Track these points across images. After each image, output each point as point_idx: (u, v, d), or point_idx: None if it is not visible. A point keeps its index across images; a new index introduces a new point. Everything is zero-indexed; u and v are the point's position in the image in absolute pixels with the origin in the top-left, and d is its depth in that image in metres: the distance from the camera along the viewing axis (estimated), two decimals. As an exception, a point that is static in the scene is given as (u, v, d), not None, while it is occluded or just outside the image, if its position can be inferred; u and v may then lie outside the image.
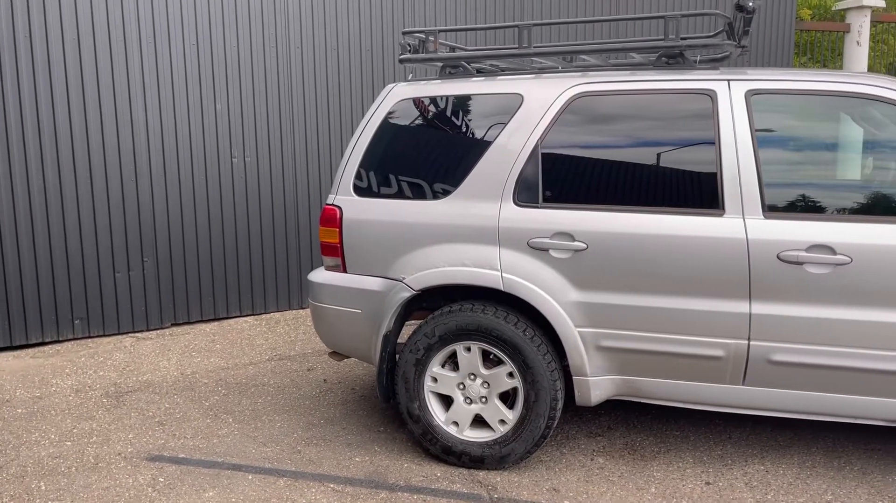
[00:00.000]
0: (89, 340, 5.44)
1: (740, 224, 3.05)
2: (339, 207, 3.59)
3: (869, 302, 2.93)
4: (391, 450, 3.65)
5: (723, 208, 3.08)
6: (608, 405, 4.03)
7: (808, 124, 3.30)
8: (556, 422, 3.36)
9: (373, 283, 3.52)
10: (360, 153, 3.59)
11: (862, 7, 8.65)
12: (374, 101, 3.67)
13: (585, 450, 3.61)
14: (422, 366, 3.44)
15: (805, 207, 3.09)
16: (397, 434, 3.81)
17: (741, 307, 3.06)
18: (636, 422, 3.88)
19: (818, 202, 3.10)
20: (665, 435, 3.75)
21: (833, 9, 9.34)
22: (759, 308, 3.05)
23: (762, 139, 3.11)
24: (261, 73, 5.81)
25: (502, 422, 3.39)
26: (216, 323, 5.81)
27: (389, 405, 3.75)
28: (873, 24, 8.99)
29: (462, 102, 3.52)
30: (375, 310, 3.50)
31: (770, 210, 3.05)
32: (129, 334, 5.56)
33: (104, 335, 5.51)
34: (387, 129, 3.58)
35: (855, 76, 3.29)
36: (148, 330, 5.62)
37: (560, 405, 3.35)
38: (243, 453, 3.65)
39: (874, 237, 2.93)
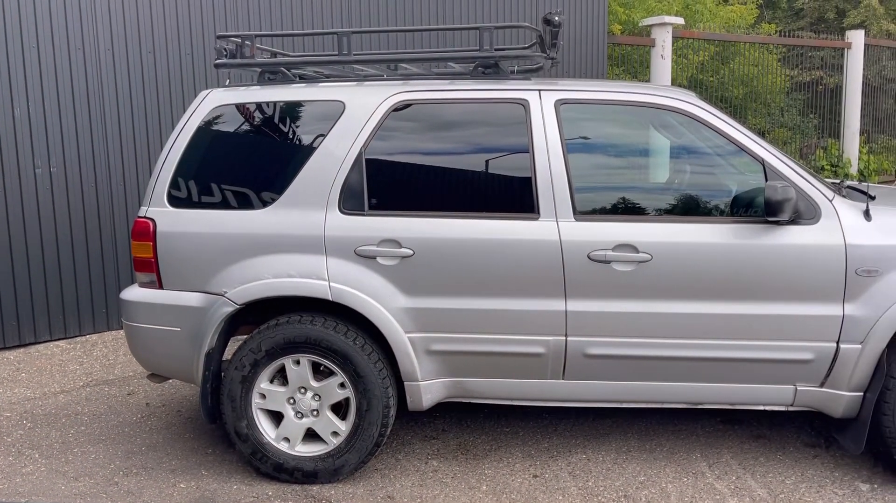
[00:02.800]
0: None
1: (553, 227, 3.21)
2: (153, 220, 3.38)
3: (668, 295, 3.19)
4: (220, 472, 3.49)
5: (538, 212, 3.23)
6: (443, 407, 4.09)
7: (612, 132, 3.55)
8: (389, 429, 3.36)
9: (192, 299, 3.34)
10: (173, 163, 3.40)
11: (664, 24, 9.45)
12: (188, 108, 3.49)
13: (420, 454, 3.65)
14: (249, 382, 3.31)
15: (611, 209, 3.31)
16: (226, 455, 3.64)
17: (558, 305, 3.22)
18: (469, 422, 3.98)
19: (623, 204, 3.34)
20: (496, 432, 3.86)
21: (640, 24, 10.12)
22: (574, 305, 3.22)
23: (571, 146, 3.30)
24: (66, 75, 5.35)
25: (335, 433, 3.34)
26: (22, 349, 5.26)
27: (216, 426, 3.58)
28: (675, 39, 9.85)
29: (282, 109, 3.44)
30: (196, 328, 3.33)
31: (580, 213, 3.23)
32: (-86, 368, 4.92)
33: None
34: (203, 137, 3.42)
35: (654, 88, 3.58)
36: (-62, 362, 5.00)
37: (393, 412, 3.36)
38: (51, 491, 3.33)
39: (670, 235, 3.19)
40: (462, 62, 3.63)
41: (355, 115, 3.34)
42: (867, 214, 3.15)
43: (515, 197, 3.29)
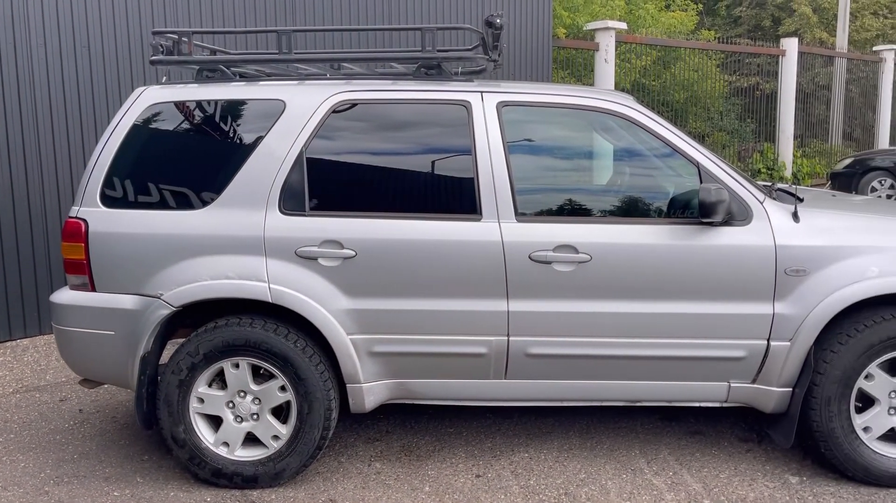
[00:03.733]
0: None
1: (496, 228, 3.23)
2: (85, 220, 3.28)
3: (607, 295, 3.24)
4: (156, 479, 3.40)
5: (480, 213, 3.25)
6: (387, 409, 4.08)
7: (554, 134, 3.59)
8: (331, 432, 3.33)
9: (126, 302, 3.25)
10: (106, 162, 3.30)
11: (607, 28, 9.63)
12: (122, 105, 3.39)
13: (363, 456, 3.62)
14: (186, 387, 3.24)
15: (552, 211, 3.35)
16: (163, 461, 3.56)
17: (500, 306, 3.24)
18: (413, 424, 3.97)
19: (563, 205, 3.38)
20: (440, 433, 3.87)
21: (584, 29, 10.28)
22: (516, 305, 3.25)
23: (513, 147, 3.32)
24: (-5, 70, 5.15)
25: (276, 437, 3.29)
26: (-53, 355, 5.05)
27: (152, 432, 3.49)
28: (618, 44, 10.04)
29: (220, 108, 3.37)
30: (131, 331, 3.24)
31: (522, 214, 3.26)
32: None
33: None
34: (138, 136, 3.33)
35: (594, 91, 3.64)
36: None
37: (335, 415, 3.33)
38: (-24, 503, 3.20)
39: (609, 236, 3.24)
40: (405, 63, 3.62)
41: (296, 115, 3.30)
42: (795, 216, 3.26)
43: (458, 198, 3.30)
